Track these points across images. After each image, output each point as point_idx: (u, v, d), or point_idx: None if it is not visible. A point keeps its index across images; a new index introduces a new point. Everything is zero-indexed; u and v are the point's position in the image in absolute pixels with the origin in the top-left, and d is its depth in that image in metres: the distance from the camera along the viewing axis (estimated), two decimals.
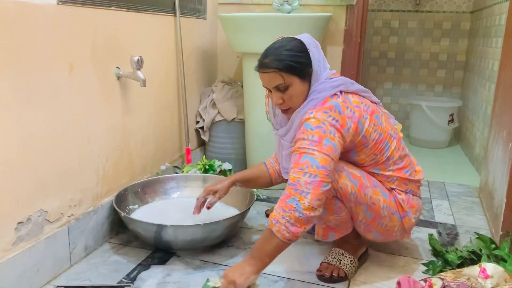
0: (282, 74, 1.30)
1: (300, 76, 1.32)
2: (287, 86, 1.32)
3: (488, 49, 2.79)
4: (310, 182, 1.17)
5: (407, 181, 1.42)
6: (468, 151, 3.12)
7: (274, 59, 1.30)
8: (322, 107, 1.27)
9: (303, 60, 1.31)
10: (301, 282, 1.40)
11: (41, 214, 1.33)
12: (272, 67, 1.30)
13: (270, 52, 1.33)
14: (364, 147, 1.34)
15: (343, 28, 2.35)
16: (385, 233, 1.42)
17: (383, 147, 1.36)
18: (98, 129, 1.55)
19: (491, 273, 1.13)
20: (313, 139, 1.22)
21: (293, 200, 1.17)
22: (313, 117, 1.25)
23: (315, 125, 1.24)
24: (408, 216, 1.42)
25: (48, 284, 1.36)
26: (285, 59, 1.30)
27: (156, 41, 1.92)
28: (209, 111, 2.34)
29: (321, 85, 1.32)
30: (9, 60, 1.16)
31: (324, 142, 1.22)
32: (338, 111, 1.26)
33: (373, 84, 3.91)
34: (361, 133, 1.31)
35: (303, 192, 1.17)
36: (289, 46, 1.32)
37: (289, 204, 1.17)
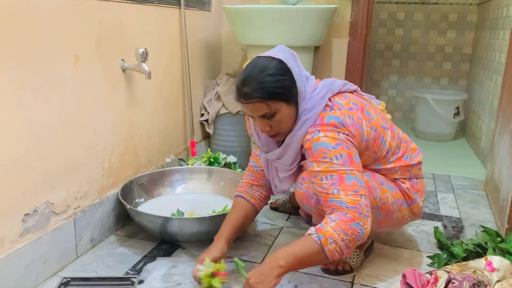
0: (267, 102, 1.20)
1: (286, 101, 1.22)
2: (273, 114, 1.22)
3: (495, 41, 2.76)
4: (367, 205, 1.17)
5: (409, 167, 1.41)
6: (473, 144, 3.10)
7: (257, 87, 1.18)
8: (326, 126, 1.21)
9: (287, 84, 1.21)
10: (306, 274, 1.41)
11: (48, 206, 1.33)
12: (255, 97, 1.19)
13: (250, 79, 1.20)
14: (366, 150, 1.31)
15: (349, 20, 2.33)
16: (397, 224, 1.44)
17: (380, 142, 1.33)
18: (104, 122, 1.55)
19: (497, 266, 1.12)
20: (344, 159, 1.18)
21: (357, 224, 1.14)
22: (324, 136, 1.20)
23: (334, 143, 1.19)
24: (416, 202, 1.42)
25: (55, 275, 1.37)
26: (268, 86, 1.18)
27: (161, 34, 1.91)
28: (213, 104, 2.33)
29: (309, 102, 1.25)
30: (14, 52, 1.16)
31: (354, 159, 1.20)
32: (343, 124, 1.22)
33: (378, 76, 3.89)
34: (364, 138, 1.28)
35: (365, 216, 1.15)
36: (271, 70, 1.20)
37: (353, 228, 1.13)
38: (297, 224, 1.76)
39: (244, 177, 1.53)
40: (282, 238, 1.65)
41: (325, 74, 2.45)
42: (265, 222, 1.78)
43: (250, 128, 1.45)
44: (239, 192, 1.49)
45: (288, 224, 1.77)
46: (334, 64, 2.42)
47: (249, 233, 1.67)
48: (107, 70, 1.55)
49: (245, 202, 1.47)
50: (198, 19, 2.26)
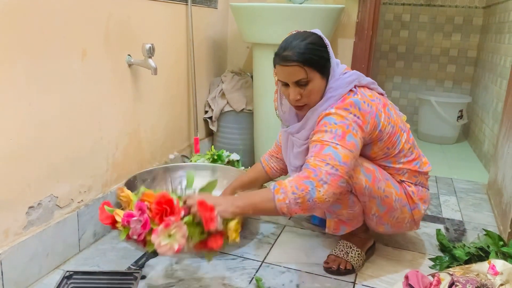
0: (305, 68, 1.24)
1: (321, 72, 1.27)
2: (307, 81, 1.26)
3: (500, 45, 2.76)
4: (330, 174, 1.15)
5: (417, 173, 1.43)
6: (476, 147, 3.10)
7: (298, 52, 1.24)
8: (342, 104, 1.25)
9: (324, 55, 1.27)
10: (308, 273, 1.41)
11: (52, 199, 1.33)
12: (295, 60, 1.24)
13: (292, 44, 1.25)
14: (379, 140, 1.33)
15: (355, 20, 2.33)
16: (396, 225, 1.43)
17: (395, 140, 1.36)
18: (109, 116, 1.56)
19: (500, 270, 1.12)
20: (336, 133, 1.21)
21: (310, 183, 1.14)
22: (335, 113, 1.24)
23: (339, 119, 1.23)
24: (418, 207, 1.43)
25: (57, 268, 1.37)
26: (308, 53, 1.24)
27: (168, 30, 1.91)
28: (218, 101, 2.33)
29: (336, 82, 1.30)
30: (23, 46, 1.16)
31: (347, 138, 1.21)
32: (358, 107, 1.25)
33: (382, 77, 3.89)
34: (378, 128, 1.30)
35: (322, 180, 1.14)
36: (311, 40, 1.26)
37: (305, 185, 1.14)
38: (299, 223, 1.77)
39: (273, 147, 1.64)
40: (285, 236, 1.65)
41: None
42: (267, 221, 1.78)
43: (277, 101, 1.48)
44: (261, 158, 1.66)
45: (291, 223, 1.77)
46: None
47: (252, 232, 1.68)
48: (114, 65, 1.55)
49: (260, 168, 1.63)
50: (204, 16, 2.26)
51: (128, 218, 1.09)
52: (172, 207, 1.12)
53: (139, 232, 1.09)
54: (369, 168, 1.34)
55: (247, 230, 1.68)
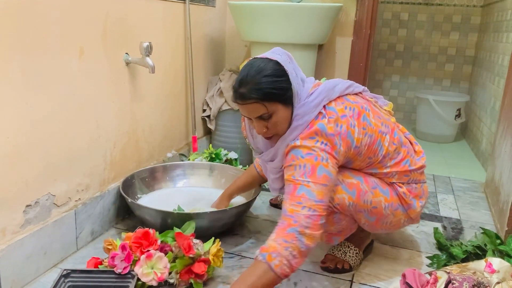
0: (264, 103, 1.19)
1: (282, 102, 1.21)
2: (270, 115, 1.21)
3: (498, 43, 2.76)
4: (308, 216, 1.11)
5: (408, 172, 1.37)
6: (474, 146, 3.11)
7: (253, 88, 1.18)
8: (307, 133, 1.20)
9: (283, 85, 1.20)
10: (306, 272, 1.41)
11: (49, 198, 1.33)
12: (252, 98, 1.19)
13: (247, 80, 1.19)
14: (358, 155, 1.28)
15: (353, 19, 2.33)
16: (392, 228, 1.42)
17: (376, 148, 1.30)
18: (107, 115, 1.55)
19: (497, 268, 1.13)
20: (306, 169, 1.16)
21: (293, 230, 1.09)
22: (301, 145, 1.19)
23: (305, 152, 1.18)
24: (413, 207, 1.39)
25: (55, 267, 1.37)
26: (265, 87, 1.18)
27: (165, 28, 1.91)
28: (216, 99, 2.33)
29: (302, 108, 1.23)
30: (20, 44, 1.16)
31: (317, 171, 1.16)
32: (325, 133, 1.19)
33: (380, 76, 3.89)
34: (353, 145, 1.25)
35: (303, 225, 1.10)
36: (267, 71, 1.19)
37: (291, 234, 1.09)
38: None
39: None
40: None
41: (328, 73, 2.45)
42: (265, 219, 1.78)
43: (246, 129, 1.46)
44: (255, 162, 1.67)
45: None
46: (337, 63, 2.42)
47: (249, 230, 1.68)
48: (112, 63, 1.55)
49: (254, 171, 1.65)
50: (202, 15, 2.25)
51: (113, 256, 1.23)
52: (148, 239, 1.29)
53: (124, 266, 1.22)
54: (353, 182, 1.29)
55: (245, 228, 1.68)
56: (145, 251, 1.25)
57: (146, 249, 1.26)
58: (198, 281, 1.27)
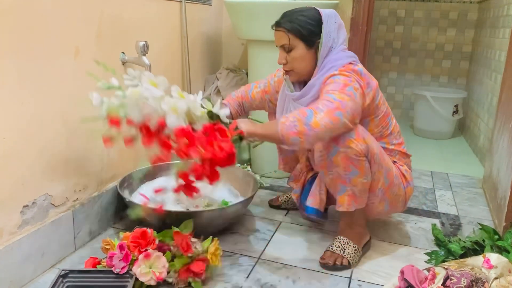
0: (289, 35, 1.39)
1: (305, 41, 1.39)
2: (291, 48, 1.40)
3: (495, 39, 2.77)
4: (326, 105, 1.25)
5: (405, 156, 1.54)
6: (472, 142, 3.11)
7: (287, 20, 1.39)
8: (345, 69, 1.35)
9: (312, 29, 1.38)
10: (304, 269, 1.41)
11: (46, 198, 1.33)
12: (282, 27, 1.40)
13: (287, 13, 1.42)
14: (375, 116, 1.43)
15: (350, 16, 2.32)
16: (393, 203, 1.49)
17: (387, 121, 1.47)
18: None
19: (495, 263, 1.13)
20: (338, 84, 1.30)
21: (309, 111, 1.24)
22: (339, 73, 1.33)
23: (342, 77, 1.32)
24: (410, 185, 1.52)
25: (53, 267, 1.37)
26: (296, 23, 1.38)
27: (162, 27, 1.90)
28: (213, 98, 2.33)
29: (336, 55, 1.40)
30: (16, 44, 1.15)
31: (347, 89, 1.29)
32: (360, 73, 1.36)
33: (377, 73, 3.89)
34: (376, 101, 1.41)
35: (318, 108, 1.24)
36: (306, 13, 1.40)
37: (305, 112, 1.24)
38: (295, 219, 1.77)
39: (239, 91, 1.73)
40: (281, 233, 1.65)
41: None
42: (263, 217, 1.78)
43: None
44: (227, 101, 1.70)
45: (287, 219, 1.77)
46: None
47: (247, 228, 1.68)
48: (108, 63, 1.52)
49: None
50: (198, 13, 2.25)
51: (111, 256, 1.23)
52: (146, 239, 1.28)
53: (122, 266, 1.22)
54: (376, 141, 1.42)
55: (243, 227, 1.68)
56: (143, 251, 1.25)
57: (144, 249, 1.26)
58: (196, 280, 1.27)
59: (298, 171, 1.71)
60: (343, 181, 1.37)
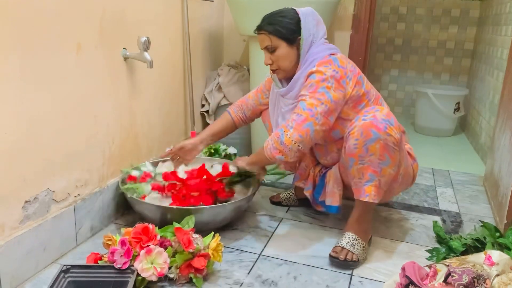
0: (270, 36, 1.46)
1: (287, 41, 1.46)
2: (274, 48, 1.47)
3: (497, 37, 2.76)
4: (294, 120, 1.38)
5: (404, 134, 1.55)
6: (473, 140, 3.11)
7: (267, 23, 1.47)
8: (322, 62, 1.42)
9: (292, 27, 1.45)
10: (305, 266, 1.41)
11: (48, 194, 1.33)
12: (263, 30, 1.48)
13: (266, 17, 1.50)
14: (369, 100, 1.49)
15: (352, 13, 2.32)
16: (406, 183, 1.57)
17: (380, 103, 1.54)
18: (105, 110, 1.55)
19: (496, 260, 1.13)
20: (311, 86, 1.40)
21: (280, 130, 1.40)
22: (316, 70, 1.41)
23: (317, 76, 1.40)
24: (416, 161, 1.59)
25: (55, 262, 1.37)
26: (275, 24, 1.46)
27: (163, 23, 1.90)
28: (214, 94, 2.33)
29: (317, 48, 1.47)
30: (18, 40, 1.15)
31: (318, 90, 1.39)
32: (337, 64, 1.42)
33: (379, 71, 3.88)
34: (363, 86, 1.47)
35: (289, 126, 1.38)
36: (284, 13, 1.47)
37: (277, 132, 1.41)
38: (296, 215, 1.77)
39: (241, 98, 1.80)
40: (282, 229, 1.65)
41: None
42: (264, 213, 1.78)
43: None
44: (229, 108, 1.79)
45: (288, 216, 1.77)
46: None
47: (249, 224, 1.68)
48: (109, 59, 1.54)
49: (229, 118, 1.77)
50: (200, 9, 2.24)
51: (112, 252, 1.23)
52: (148, 234, 1.29)
53: (123, 262, 1.22)
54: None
55: (244, 223, 1.68)
56: (144, 246, 1.25)
57: (146, 244, 1.26)
58: (198, 275, 1.27)
59: (303, 169, 1.71)
60: (374, 170, 1.38)
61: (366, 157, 1.37)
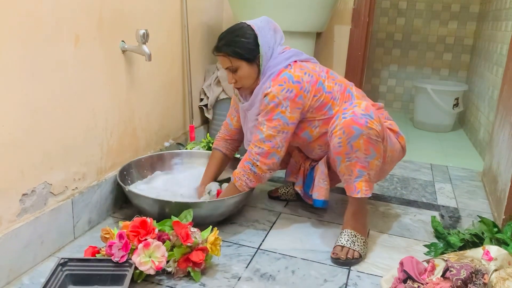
0: (229, 58, 1.45)
1: (246, 60, 1.45)
2: (235, 69, 1.47)
3: (497, 32, 2.75)
4: (258, 153, 1.45)
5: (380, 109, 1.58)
6: (472, 135, 3.11)
7: (224, 44, 1.46)
8: (277, 80, 1.43)
9: (250, 47, 1.44)
10: (303, 260, 1.41)
11: (46, 187, 1.32)
12: (221, 51, 1.46)
13: (222, 37, 1.48)
14: (333, 99, 1.48)
15: (352, 7, 2.31)
16: (396, 158, 1.57)
17: (348, 94, 1.52)
18: (103, 103, 1.54)
19: (494, 256, 1.13)
20: (266, 115, 1.44)
21: (248, 163, 1.47)
22: (269, 92, 1.42)
23: (270, 99, 1.42)
24: (400, 133, 1.59)
25: (52, 256, 1.37)
26: (233, 45, 1.44)
27: (162, 16, 1.89)
28: (213, 88, 2.32)
29: (274, 61, 1.47)
30: (16, 32, 1.14)
31: (274, 117, 1.43)
32: (291, 81, 1.42)
33: (378, 65, 3.87)
34: (324, 90, 1.47)
35: (255, 158, 1.46)
36: (239, 32, 1.45)
37: (246, 166, 1.48)
38: (295, 210, 1.77)
39: (220, 132, 1.79)
40: (280, 223, 1.65)
41: (327, 61, 2.43)
42: (263, 208, 1.78)
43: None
44: (216, 145, 1.77)
45: (286, 210, 1.77)
46: (335, 51, 2.40)
47: (247, 219, 1.68)
48: (107, 51, 1.53)
49: (220, 155, 1.76)
50: (199, 2, 2.23)
51: (110, 245, 1.23)
52: (146, 228, 1.29)
53: (121, 255, 1.21)
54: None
55: (242, 217, 1.68)
56: (142, 240, 1.25)
57: (144, 238, 1.26)
58: (196, 269, 1.27)
59: (293, 165, 1.72)
60: (362, 165, 1.39)
61: (352, 154, 1.38)
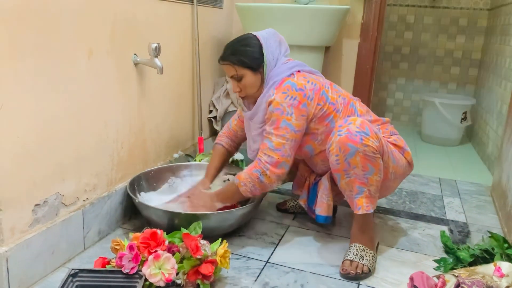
0: (235, 67, 1.48)
1: (251, 69, 1.48)
2: (240, 77, 1.49)
3: (505, 47, 2.76)
4: (268, 162, 1.43)
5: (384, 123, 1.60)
6: (480, 149, 3.10)
7: (230, 53, 1.50)
8: (280, 88, 1.45)
9: (255, 55, 1.48)
10: (313, 274, 1.41)
11: (57, 198, 1.34)
12: (227, 60, 1.50)
13: (228, 46, 1.52)
14: (336, 111, 1.49)
15: (360, 21, 2.33)
16: (402, 175, 1.56)
17: (351, 108, 1.54)
18: (115, 115, 1.56)
19: (506, 272, 1.12)
20: (273, 121, 1.44)
21: (257, 171, 1.44)
22: (274, 100, 1.44)
23: (275, 107, 1.43)
24: (406, 149, 1.57)
25: (62, 266, 1.37)
26: (238, 54, 1.48)
27: (174, 29, 1.91)
28: (222, 101, 2.33)
29: (278, 69, 1.50)
30: (31, 45, 1.16)
31: (281, 124, 1.42)
32: (295, 89, 1.43)
33: (386, 79, 3.88)
34: (327, 100, 1.48)
35: (265, 167, 1.43)
36: (245, 42, 1.50)
37: (255, 174, 1.44)
38: (303, 223, 1.77)
39: (224, 129, 1.82)
40: (289, 236, 1.65)
41: (335, 75, 2.45)
42: (271, 220, 1.78)
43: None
44: (219, 141, 1.80)
45: (295, 223, 1.77)
46: (344, 65, 2.42)
47: (256, 231, 1.68)
48: (120, 64, 1.55)
49: (222, 150, 1.79)
50: (209, 16, 2.26)
51: (120, 256, 1.23)
52: (156, 239, 1.29)
53: (131, 266, 1.22)
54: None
55: (251, 230, 1.68)
56: (152, 252, 1.25)
57: (154, 250, 1.26)
58: (205, 282, 1.27)
59: (299, 178, 1.73)
60: (361, 182, 1.39)
61: (350, 170, 1.38)
